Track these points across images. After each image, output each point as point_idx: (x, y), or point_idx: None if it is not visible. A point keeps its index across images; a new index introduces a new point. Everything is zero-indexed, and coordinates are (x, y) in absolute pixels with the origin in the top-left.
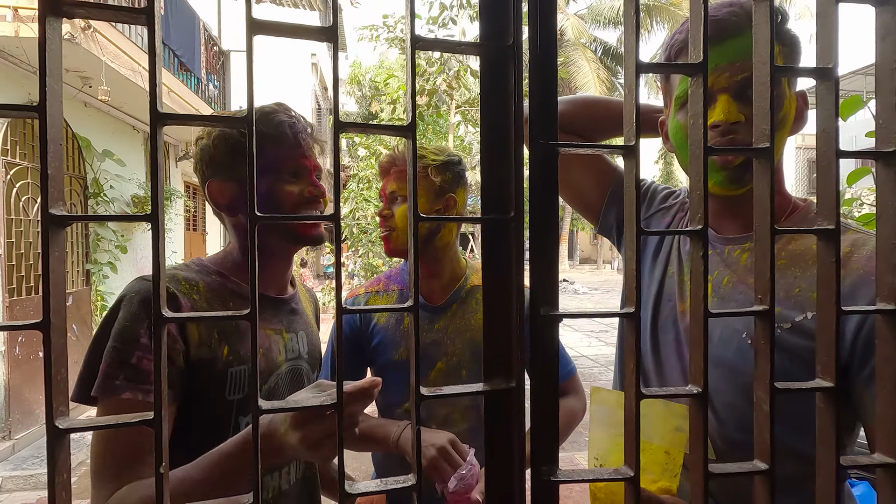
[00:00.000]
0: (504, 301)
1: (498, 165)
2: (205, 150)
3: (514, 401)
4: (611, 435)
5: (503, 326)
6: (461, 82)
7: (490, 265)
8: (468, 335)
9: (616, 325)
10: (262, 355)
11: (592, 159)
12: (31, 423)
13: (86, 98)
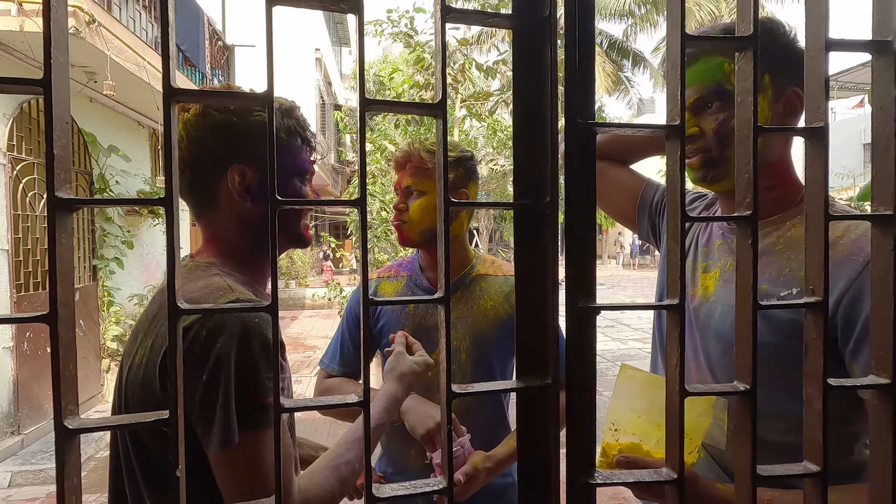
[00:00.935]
0: (539, 293)
1: (533, 148)
2: (230, 128)
3: (550, 399)
4: (632, 411)
5: (538, 320)
6: (466, 76)
7: (523, 254)
8: (469, 321)
9: (619, 321)
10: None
11: (620, 175)
12: (40, 418)
13: (91, 93)
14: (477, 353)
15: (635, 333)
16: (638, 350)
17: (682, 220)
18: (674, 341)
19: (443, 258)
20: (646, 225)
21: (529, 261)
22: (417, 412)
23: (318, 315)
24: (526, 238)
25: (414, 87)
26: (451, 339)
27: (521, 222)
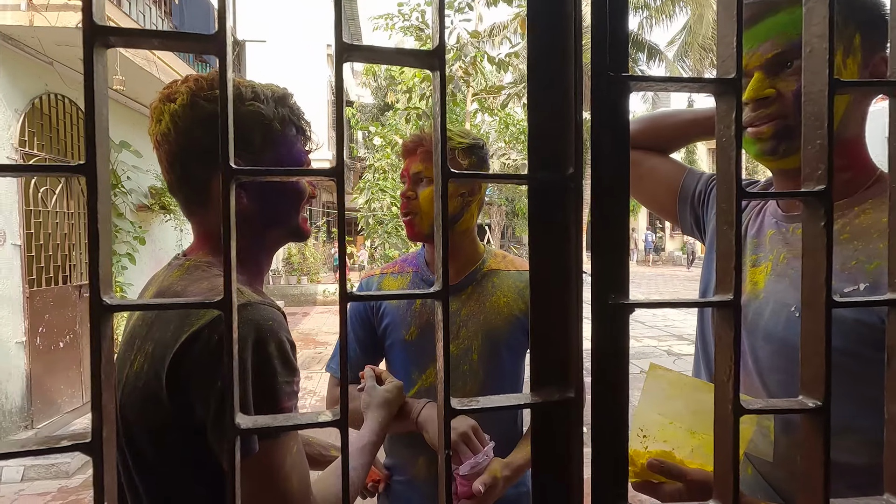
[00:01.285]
0: (559, 287)
1: (551, 110)
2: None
3: (572, 415)
4: (662, 416)
5: (558, 321)
6: (477, 69)
7: (539, 240)
8: (481, 318)
9: (634, 318)
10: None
11: (658, 165)
12: (53, 412)
13: None
14: (490, 352)
15: (650, 331)
16: (653, 348)
17: (738, 197)
18: (726, 346)
19: (440, 243)
20: (688, 217)
21: (546, 248)
22: (436, 423)
23: (329, 311)
24: (542, 221)
25: (425, 81)
26: (462, 337)
27: (537, 201)
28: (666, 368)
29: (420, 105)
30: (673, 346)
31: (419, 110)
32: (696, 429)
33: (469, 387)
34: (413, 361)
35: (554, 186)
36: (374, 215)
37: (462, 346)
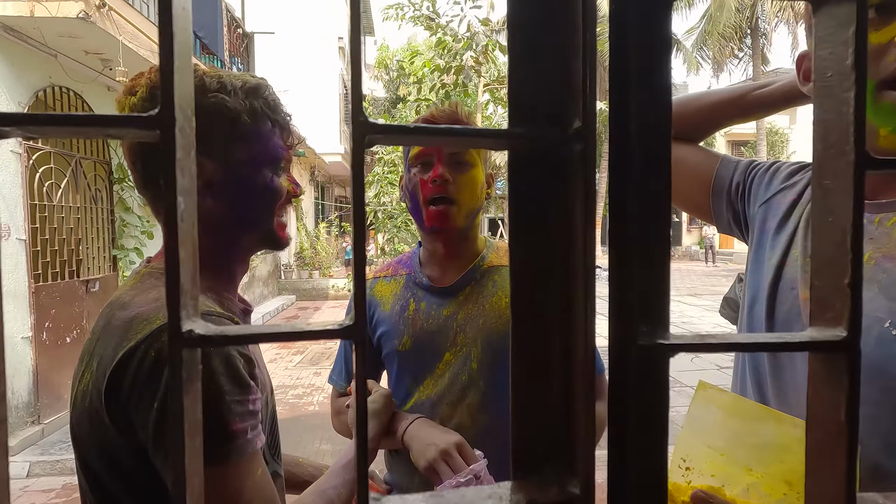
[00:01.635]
0: (560, 313)
1: (545, 26)
2: None
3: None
4: (711, 447)
5: (559, 366)
6: (489, 58)
7: (524, 238)
8: (481, 321)
9: None
10: (266, 375)
11: (686, 155)
12: (61, 407)
13: (109, 82)
14: (491, 360)
15: None
16: None
17: (860, 167)
18: (831, 409)
19: (359, 235)
20: (725, 213)
21: (536, 248)
22: (420, 440)
23: (340, 306)
24: (528, 204)
25: (435, 71)
26: (460, 344)
27: (520, 173)
28: (720, 389)
29: (430, 96)
30: None
31: (430, 101)
32: (755, 465)
33: (469, 399)
34: (408, 372)
35: (548, 149)
36: (384, 209)
37: (460, 354)
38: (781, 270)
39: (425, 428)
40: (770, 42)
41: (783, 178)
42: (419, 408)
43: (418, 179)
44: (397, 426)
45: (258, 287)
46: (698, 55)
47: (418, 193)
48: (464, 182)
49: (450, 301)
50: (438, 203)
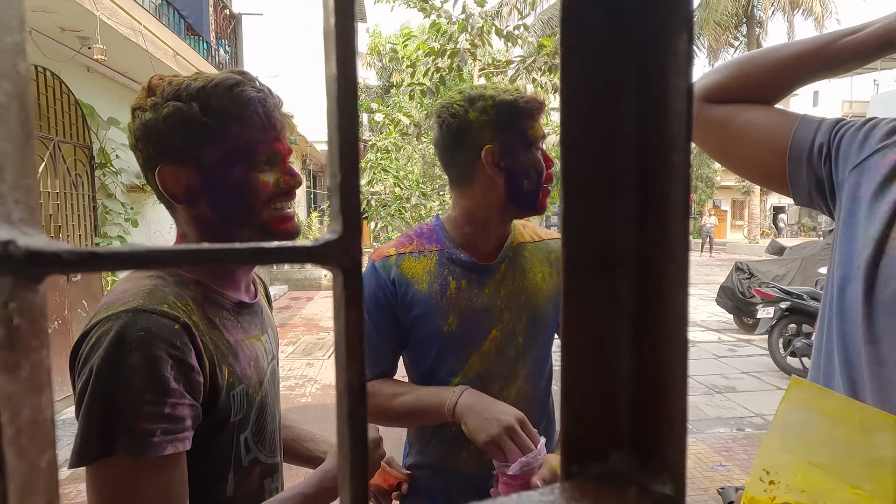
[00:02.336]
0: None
1: None
2: (151, 127)
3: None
4: (806, 460)
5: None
6: (485, 39)
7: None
8: (523, 297)
9: None
10: (252, 368)
11: (756, 118)
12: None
13: (88, 62)
14: (534, 334)
15: None
16: None
17: None
18: None
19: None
20: (805, 182)
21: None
22: (478, 414)
23: (332, 296)
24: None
25: (429, 55)
26: (506, 321)
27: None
28: (821, 389)
29: (424, 80)
30: (688, 333)
31: (423, 86)
32: (862, 481)
33: (517, 373)
34: (452, 352)
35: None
36: (378, 197)
37: (507, 330)
38: (884, 244)
39: (480, 400)
40: (766, 30)
41: (882, 137)
42: (467, 385)
43: (542, 162)
44: (441, 400)
45: None
46: (694, 43)
47: (542, 175)
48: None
49: (489, 279)
50: (547, 188)
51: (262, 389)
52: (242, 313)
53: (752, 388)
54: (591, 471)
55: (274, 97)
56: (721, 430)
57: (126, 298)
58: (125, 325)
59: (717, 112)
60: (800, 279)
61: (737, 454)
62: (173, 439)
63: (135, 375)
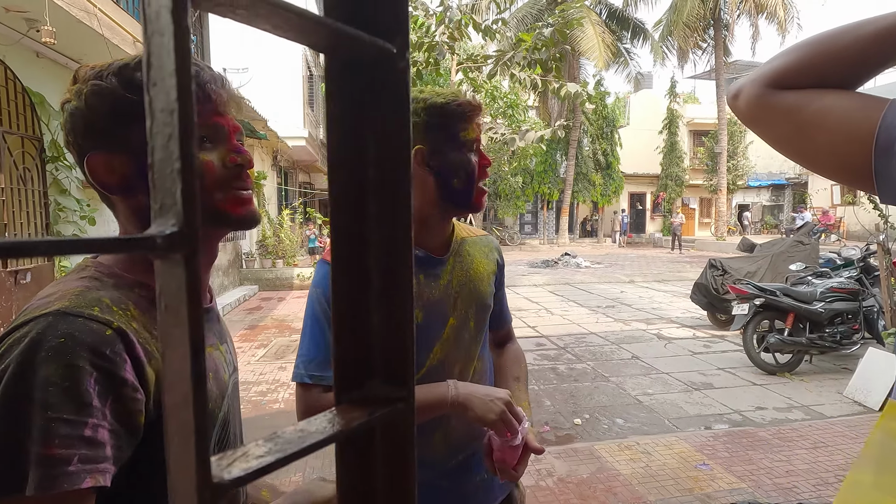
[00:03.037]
0: (379, 237)
1: None
2: (76, 115)
3: (405, 424)
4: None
5: (379, 286)
6: (463, 33)
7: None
8: (471, 286)
9: (620, 300)
10: (213, 380)
11: (835, 105)
12: None
13: (36, 46)
14: (481, 318)
15: (638, 314)
16: (642, 332)
17: None
18: None
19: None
20: (895, 176)
21: (354, 169)
22: (479, 398)
23: (305, 296)
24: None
25: None
26: (459, 308)
27: (344, 86)
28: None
29: None
30: (663, 330)
31: None
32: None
33: (472, 354)
34: (420, 344)
35: (373, 61)
36: None
37: (461, 316)
38: None
39: (475, 388)
40: (732, 33)
41: None
42: (432, 372)
43: (476, 162)
44: (439, 394)
45: (218, 277)
46: (664, 45)
47: (475, 174)
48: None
49: (441, 270)
50: (485, 187)
51: (224, 404)
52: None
53: (728, 384)
54: (354, 395)
55: (211, 71)
56: (701, 428)
57: (50, 301)
58: (42, 331)
59: (786, 98)
60: (770, 275)
61: (719, 452)
62: (93, 469)
63: (50, 389)
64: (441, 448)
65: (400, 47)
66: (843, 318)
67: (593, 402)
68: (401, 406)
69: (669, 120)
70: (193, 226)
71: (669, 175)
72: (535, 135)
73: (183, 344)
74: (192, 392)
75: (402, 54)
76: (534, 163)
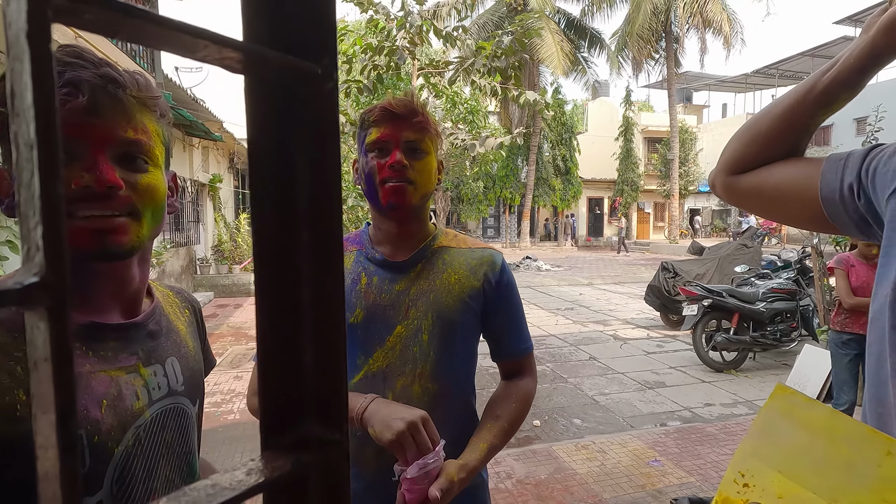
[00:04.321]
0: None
1: None
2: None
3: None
4: (784, 473)
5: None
6: (423, 39)
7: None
8: (432, 297)
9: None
10: (107, 408)
11: (787, 173)
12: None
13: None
14: (441, 333)
15: (595, 315)
16: (599, 332)
17: None
18: None
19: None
20: (848, 220)
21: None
22: (383, 415)
23: None
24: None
25: (367, 51)
26: (412, 317)
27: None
28: (806, 398)
29: (361, 78)
30: (619, 331)
31: (360, 84)
32: (835, 496)
33: (420, 369)
34: (359, 345)
35: (297, 83)
36: None
37: (412, 327)
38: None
39: (386, 405)
40: (682, 46)
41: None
42: (370, 379)
43: (375, 163)
44: (352, 406)
45: (169, 283)
46: (620, 56)
47: (375, 175)
48: (420, 167)
49: (402, 277)
50: (396, 182)
51: (127, 437)
52: (102, 338)
53: (679, 382)
54: (285, 440)
55: (94, 70)
56: (655, 425)
57: None
58: None
59: (747, 181)
60: (717, 277)
61: (670, 448)
62: None
63: None
64: (372, 464)
65: (326, 68)
66: (783, 317)
67: (552, 404)
68: (334, 450)
69: (625, 127)
70: (60, 275)
71: (625, 180)
72: (495, 141)
73: (48, 409)
74: (58, 463)
75: (328, 75)
76: (495, 168)
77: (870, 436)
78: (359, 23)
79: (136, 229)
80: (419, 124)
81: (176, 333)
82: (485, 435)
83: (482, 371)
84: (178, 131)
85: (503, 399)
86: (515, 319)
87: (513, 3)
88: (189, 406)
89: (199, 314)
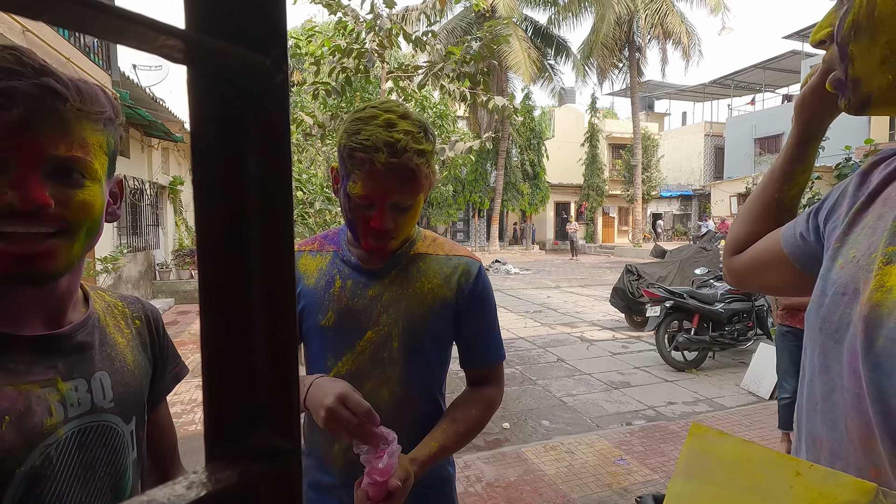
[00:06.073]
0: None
1: None
2: None
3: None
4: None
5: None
6: (393, 42)
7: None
8: (404, 304)
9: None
10: (8, 424)
11: (761, 254)
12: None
13: None
14: (411, 341)
15: (563, 318)
16: (566, 335)
17: None
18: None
19: None
20: (812, 261)
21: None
22: (313, 399)
23: None
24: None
25: (335, 52)
26: (382, 324)
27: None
28: (718, 432)
29: (329, 80)
30: (585, 333)
31: (328, 86)
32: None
33: (388, 375)
34: (329, 348)
35: (244, 75)
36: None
37: (382, 333)
38: (830, 274)
39: (316, 390)
40: (644, 56)
41: (852, 193)
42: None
43: (359, 213)
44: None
45: (126, 290)
46: (585, 64)
47: (357, 221)
48: (404, 221)
49: (376, 282)
50: (376, 240)
51: (32, 457)
52: (14, 350)
53: (644, 382)
54: (234, 450)
55: (31, 80)
56: (620, 425)
57: None
58: None
59: (741, 259)
60: (679, 279)
61: (635, 447)
62: None
63: None
64: (340, 459)
65: (276, 59)
66: (740, 317)
67: (521, 406)
68: (286, 460)
69: (591, 133)
70: None
71: (591, 185)
72: (465, 146)
73: None
74: None
75: (278, 67)
76: (465, 172)
77: (778, 460)
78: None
79: (66, 250)
80: (404, 182)
81: (111, 346)
82: (438, 434)
83: (452, 375)
84: (137, 131)
85: (464, 404)
86: (486, 328)
87: (481, 9)
88: (120, 424)
89: (156, 324)
